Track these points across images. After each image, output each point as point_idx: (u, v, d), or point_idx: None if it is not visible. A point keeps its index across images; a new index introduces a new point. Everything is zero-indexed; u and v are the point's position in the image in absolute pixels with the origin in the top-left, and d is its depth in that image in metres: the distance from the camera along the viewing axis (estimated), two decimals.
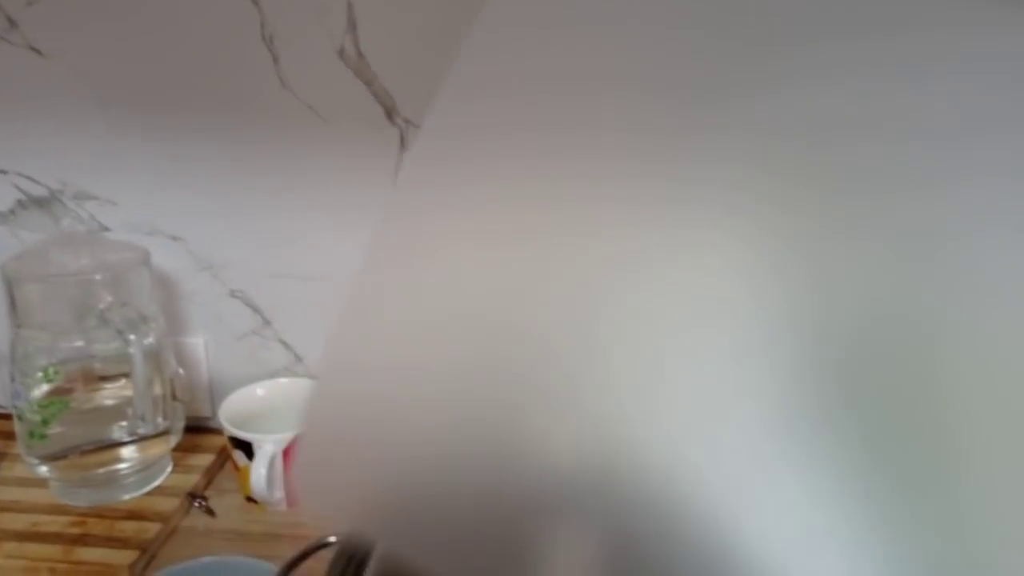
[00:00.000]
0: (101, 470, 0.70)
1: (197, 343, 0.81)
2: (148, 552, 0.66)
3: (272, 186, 0.75)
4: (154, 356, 0.68)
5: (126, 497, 0.71)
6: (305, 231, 0.76)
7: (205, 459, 0.79)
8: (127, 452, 0.71)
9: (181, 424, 0.76)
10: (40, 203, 0.77)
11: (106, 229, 0.77)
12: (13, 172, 0.76)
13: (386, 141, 0.72)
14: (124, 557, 0.65)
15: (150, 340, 0.65)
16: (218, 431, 0.82)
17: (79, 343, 0.67)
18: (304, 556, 0.43)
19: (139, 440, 0.71)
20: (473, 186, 0.24)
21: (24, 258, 0.68)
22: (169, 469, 0.76)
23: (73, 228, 0.76)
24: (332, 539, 0.44)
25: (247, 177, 0.75)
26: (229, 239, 0.77)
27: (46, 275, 0.66)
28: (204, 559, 0.60)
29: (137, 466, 0.72)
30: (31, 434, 0.67)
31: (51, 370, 0.67)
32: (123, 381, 0.70)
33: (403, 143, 0.72)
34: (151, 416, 0.68)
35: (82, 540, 0.67)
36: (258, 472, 0.69)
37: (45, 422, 0.67)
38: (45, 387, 0.67)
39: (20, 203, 0.77)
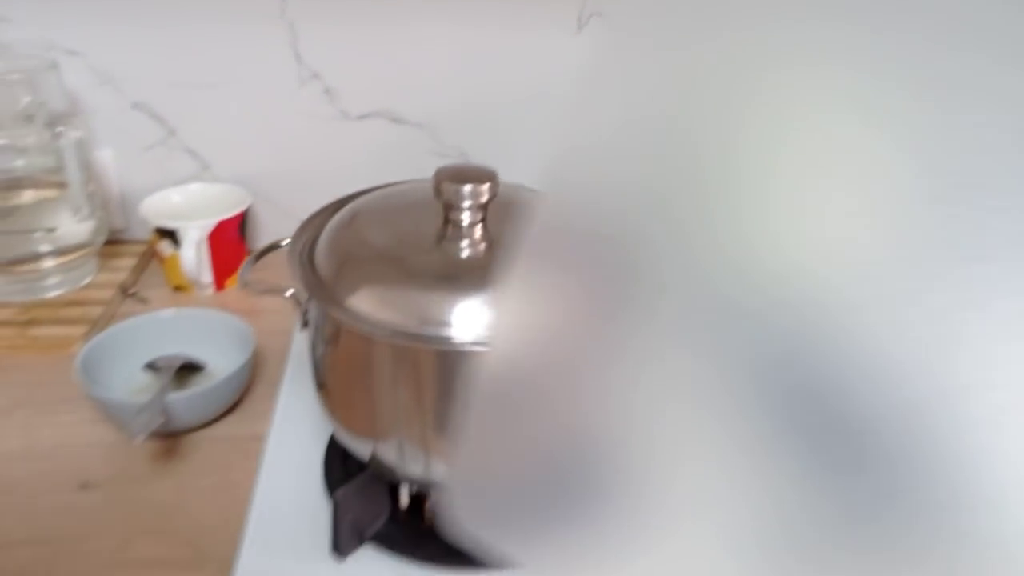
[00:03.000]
0: (28, 267, 0.76)
1: (105, 155, 0.86)
2: (97, 327, 0.74)
3: None
4: (84, 150, 0.73)
5: (57, 293, 0.78)
6: (204, 39, 0.82)
7: (127, 262, 0.86)
8: (52, 253, 0.77)
9: (103, 236, 0.82)
10: None
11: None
12: None
13: None
14: (76, 331, 0.73)
15: (79, 134, 0.70)
16: (134, 241, 0.89)
17: (13, 142, 0.71)
18: (266, 251, 0.54)
19: (63, 249, 0.77)
20: None
21: None
22: (95, 271, 0.82)
23: None
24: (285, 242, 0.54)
25: None
26: (128, 51, 0.82)
27: None
28: (163, 311, 0.69)
29: (65, 268, 0.78)
30: None
31: None
32: (50, 186, 0.75)
33: None
34: (87, 210, 0.74)
35: (32, 323, 0.74)
36: (187, 255, 0.78)
37: None
38: None
39: None
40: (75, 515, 0.55)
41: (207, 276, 0.81)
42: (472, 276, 0.48)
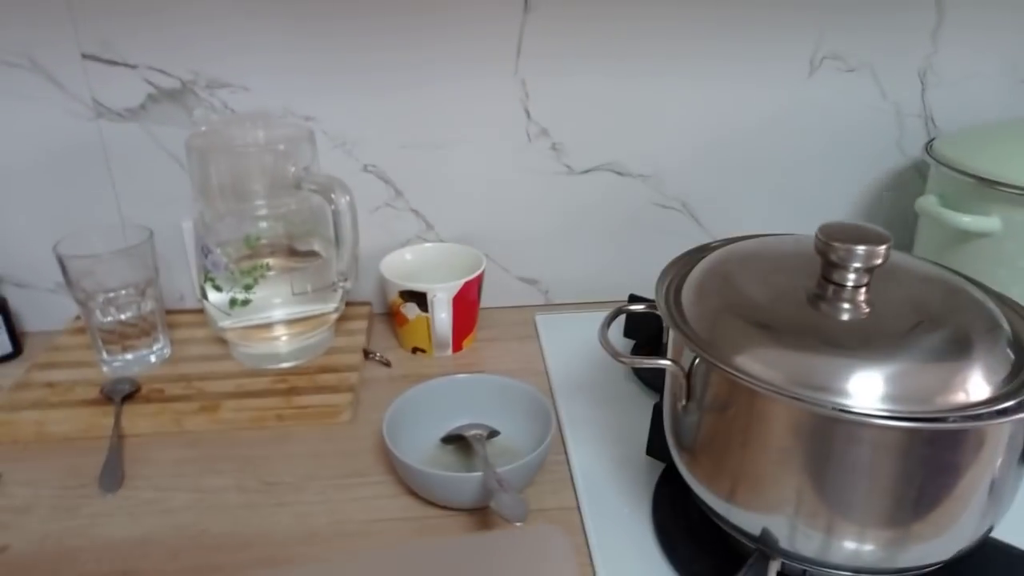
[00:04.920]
0: (294, 334, 0.76)
1: None
2: (356, 393, 0.73)
3: (396, 62, 0.79)
4: (355, 214, 0.71)
5: (294, 362, 0.77)
6: (436, 101, 0.81)
7: (358, 324, 0.85)
8: (326, 316, 0.77)
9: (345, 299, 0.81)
10: (172, 95, 0.79)
11: None
12: (143, 66, 0.78)
13: (508, 6, 0.78)
14: (340, 399, 0.72)
15: (349, 198, 0.70)
16: (358, 302, 0.88)
17: (274, 209, 0.71)
18: (617, 313, 0.52)
19: (317, 314, 0.76)
20: None
21: (208, 135, 0.71)
22: (333, 333, 0.82)
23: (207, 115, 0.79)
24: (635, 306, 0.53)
25: (372, 55, 0.79)
26: (359, 115, 0.82)
27: (236, 146, 0.70)
28: (436, 380, 0.67)
29: (324, 332, 0.78)
30: (232, 302, 0.72)
31: (253, 236, 0.71)
32: (315, 247, 0.75)
33: (526, 6, 0.78)
34: (354, 273, 0.74)
35: (294, 391, 0.73)
36: (440, 317, 0.77)
37: (248, 287, 0.71)
38: (246, 252, 0.72)
39: (151, 97, 0.79)
40: None
41: (449, 337, 0.80)
42: (857, 342, 0.46)
